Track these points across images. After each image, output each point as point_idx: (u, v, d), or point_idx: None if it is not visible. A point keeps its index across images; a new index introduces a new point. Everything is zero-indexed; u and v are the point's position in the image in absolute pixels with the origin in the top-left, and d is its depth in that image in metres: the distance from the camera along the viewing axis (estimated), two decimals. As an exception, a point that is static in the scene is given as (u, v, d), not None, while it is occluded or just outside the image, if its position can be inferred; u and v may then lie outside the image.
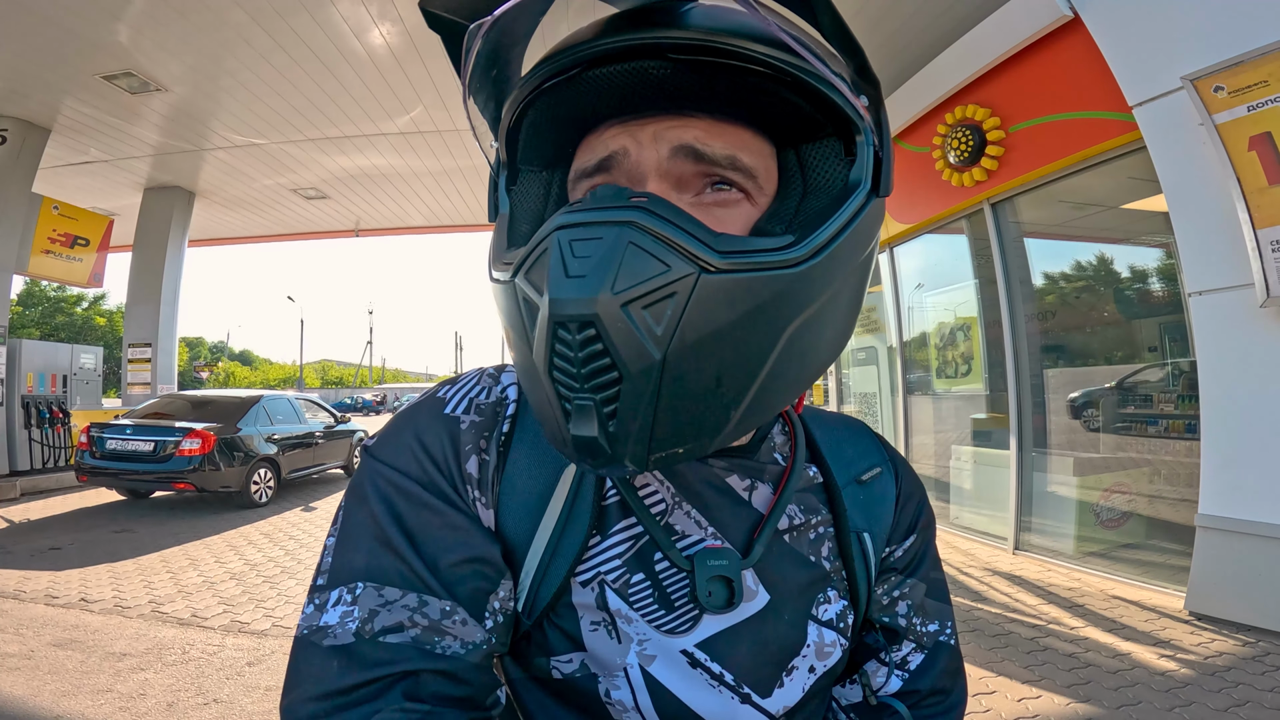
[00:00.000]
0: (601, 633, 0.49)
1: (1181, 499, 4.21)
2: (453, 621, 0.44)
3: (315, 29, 6.02)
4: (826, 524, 0.57)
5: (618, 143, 0.45)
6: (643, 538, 0.51)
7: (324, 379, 73.28)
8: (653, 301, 0.36)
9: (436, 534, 0.46)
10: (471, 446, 0.50)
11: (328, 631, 0.43)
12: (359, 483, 0.49)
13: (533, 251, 0.39)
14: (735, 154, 0.44)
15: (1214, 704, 2.72)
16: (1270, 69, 3.39)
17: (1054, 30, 4.48)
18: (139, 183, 10.47)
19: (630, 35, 0.41)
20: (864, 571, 0.57)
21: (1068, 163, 4.63)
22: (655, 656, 0.49)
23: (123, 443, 7.03)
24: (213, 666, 3.23)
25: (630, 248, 0.36)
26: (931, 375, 6.36)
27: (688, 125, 0.44)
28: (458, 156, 9.41)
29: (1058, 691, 2.87)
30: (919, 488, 0.65)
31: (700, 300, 0.37)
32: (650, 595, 0.50)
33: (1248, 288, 3.54)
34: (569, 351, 0.37)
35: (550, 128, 0.48)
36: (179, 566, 5.00)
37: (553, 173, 0.51)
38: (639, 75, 0.42)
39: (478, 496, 0.49)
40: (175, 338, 11.40)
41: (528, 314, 0.39)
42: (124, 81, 6.96)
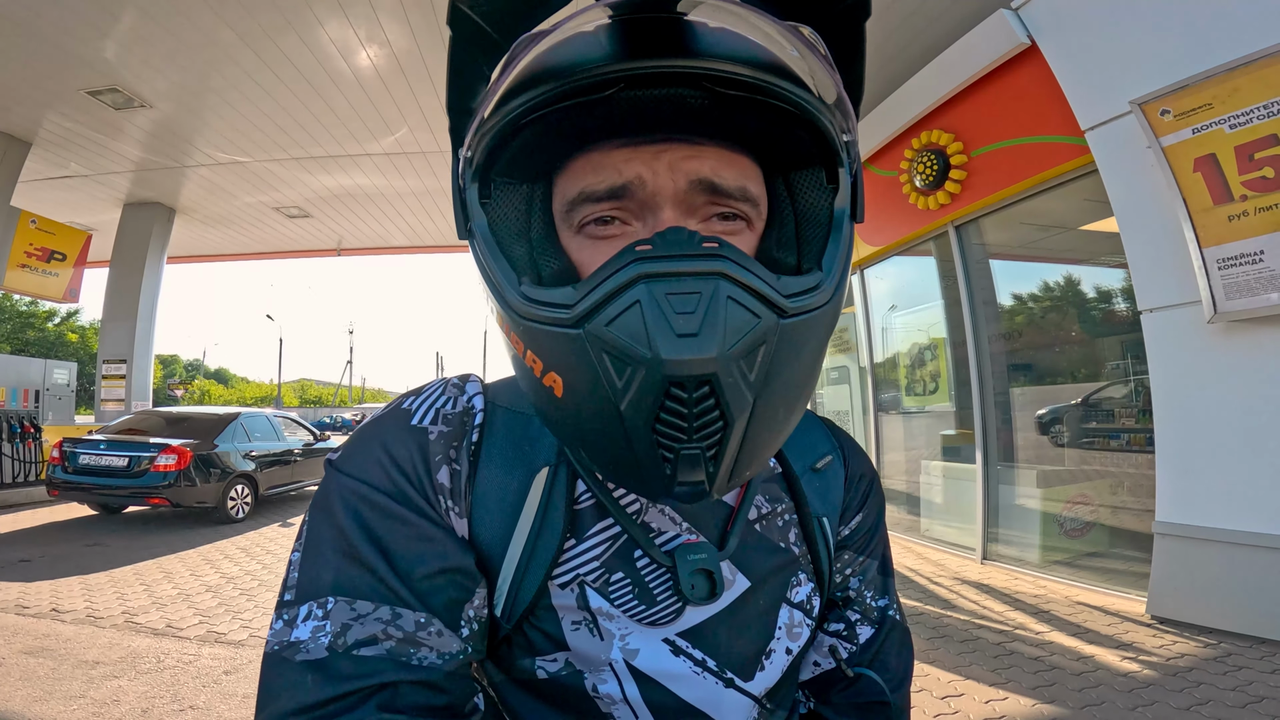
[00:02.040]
0: (584, 631, 0.50)
1: (1143, 509, 4.34)
2: (428, 633, 0.44)
3: (303, 50, 6.14)
4: (790, 511, 0.60)
5: (632, 170, 0.44)
6: (621, 537, 0.52)
7: (302, 398, 72.12)
8: (749, 351, 0.38)
9: (408, 546, 0.46)
10: (441, 457, 0.50)
11: (299, 647, 0.42)
12: (324, 496, 0.48)
13: (611, 299, 0.38)
14: (745, 185, 0.46)
15: (1176, 703, 2.80)
16: (1214, 92, 3.54)
17: (1013, 58, 4.69)
18: (119, 198, 10.43)
19: (674, 61, 0.40)
20: (826, 554, 0.60)
21: (1027, 185, 4.82)
22: (639, 650, 0.50)
23: (96, 458, 6.94)
24: (188, 675, 3.22)
25: (729, 302, 0.37)
26: (901, 394, 6.54)
27: (701, 155, 0.44)
28: (441, 177, 9.53)
29: (1024, 693, 2.95)
30: (868, 468, 0.68)
31: (781, 345, 0.39)
32: (631, 591, 0.51)
33: (1195, 304, 3.70)
34: (681, 409, 0.37)
35: (545, 141, 0.45)
36: (153, 579, 4.95)
37: (533, 187, 0.49)
38: (673, 103, 0.42)
39: (451, 506, 0.49)
40: (151, 355, 11.28)
41: (612, 365, 0.38)
42: (109, 97, 7.01)
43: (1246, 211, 3.45)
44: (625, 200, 0.44)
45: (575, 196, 0.45)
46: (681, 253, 0.38)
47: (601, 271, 0.39)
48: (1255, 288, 3.43)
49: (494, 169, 0.47)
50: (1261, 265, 3.40)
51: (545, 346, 0.41)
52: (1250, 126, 3.43)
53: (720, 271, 0.37)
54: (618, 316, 0.37)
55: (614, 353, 0.38)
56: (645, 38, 0.40)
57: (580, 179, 0.45)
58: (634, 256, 0.38)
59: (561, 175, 0.47)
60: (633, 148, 0.44)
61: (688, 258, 0.38)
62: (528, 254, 0.48)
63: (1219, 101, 3.52)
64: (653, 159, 0.44)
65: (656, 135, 0.44)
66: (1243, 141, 3.45)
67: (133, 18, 5.64)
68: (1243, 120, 3.45)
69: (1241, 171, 3.46)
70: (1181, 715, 2.70)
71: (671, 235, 0.39)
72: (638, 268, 0.38)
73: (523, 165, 0.47)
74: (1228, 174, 3.51)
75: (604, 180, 0.44)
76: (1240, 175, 3.47)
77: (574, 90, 0.41)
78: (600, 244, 0.45)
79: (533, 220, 0.49)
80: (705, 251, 0.38)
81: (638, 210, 0.45)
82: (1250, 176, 3.44)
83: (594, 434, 0.42)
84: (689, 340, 0.36)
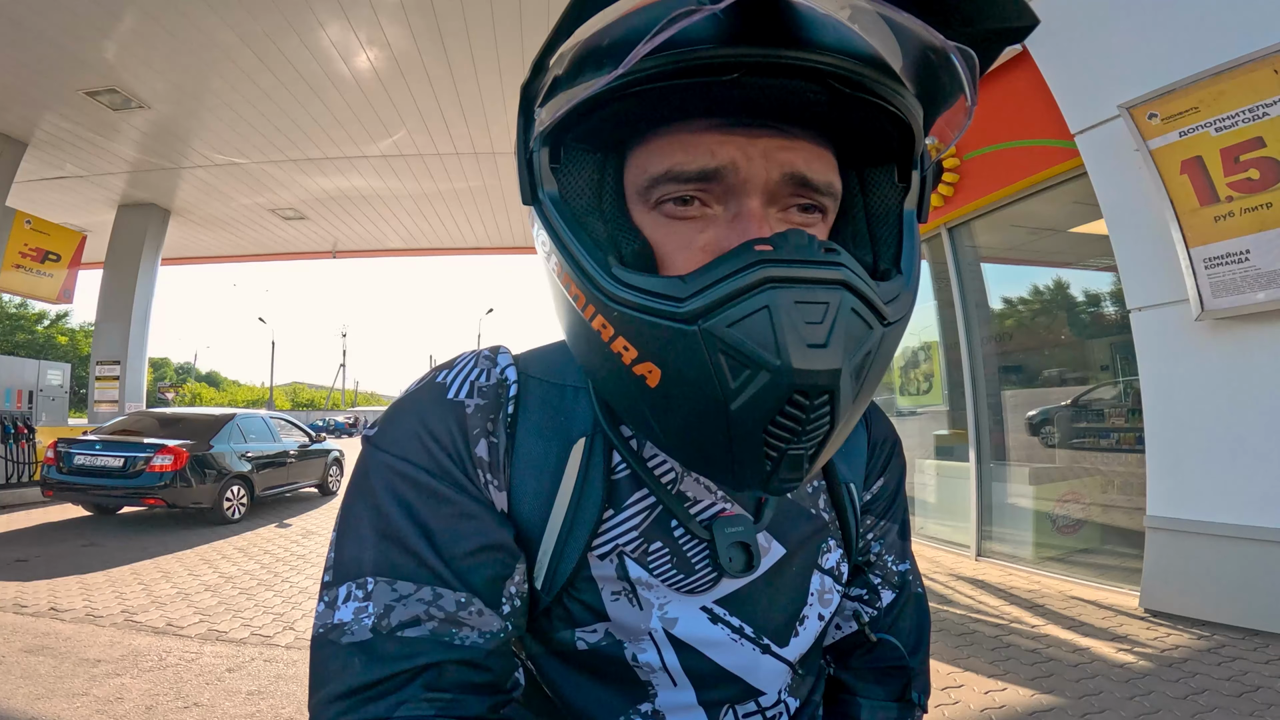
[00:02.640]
0: (623, 601, 0.50)
1: (1132, 506, 4.42)
2: (469, 613, 0.44)
3: (303, 52, 6.17)
4: (819, 478, 0.59)
5: (726, 154, 0.42)
6: (658, 507, 0.52)
7: (295, 401, 71.86)
8: (864, 360, 0.39)
9: (449, 524, 0.46)
10: (480, 430, 0.49)
11: (344, 629, 0.43)
12: (362, 474, 0.48)
13: (734, 300, 0.37)
14: (831, 179, 0.45)
15: (1172, 693, 2.84)
16: (1200, 96, 3.62)
17: (1005, 62, 4.78)
18: (114, 199, 10.40)
19: (805, 55, 0.39)
20: (854, 520, 0.60)
21: (1017, 188, 4.90)
22: (677, 619, 0.51)
23: (91, 458, 6.92)
24: (191, 672, 3.23)
25: (851, 314, 0.38)
26: (896, 394, 6.61)
27: (795, 147, 0.43)
28: (438, 180, 9.55)
29: (1022, 684, 2.99)
30: (891, 432, 0.68)
31: (880, 351, 0.40)
32: (669, 560, 0.51)
33: (1183, 303, 3.78)
34: (800, 415, 0.38)
35: (637, 112, 0.43)
36: (151, 579, 4.95)
37: (606, 156, 0.47)
38: (790, 94, 0.41)
39: (490, 480, 0.49)
40: (145, 356, 11.23)
41: (728, 364, 0.37)
42: (106, 98, 7.01)
43: (1233, 212, 3.53)
44: (713, 184, 0.43)
45: (660, 174, 0.43)
46: (806, 258, 0.38)
47: (720, 267, 0.38)
48: (1241, 286, 3.51)
49: (568, 136, 0.45)
50: (1248, 264, 3.48)
51: (645, 336, 0.39)
52: (1236, 129, 3.51)
53: (844, 281, 0.37)
54: (743, 319, 0.37)
55: (735, 354, 0.37)
56: (769, 23, 0.39)
57: (667, 156, 0.43)
58: (757, 258, 0.37)
59: (641, 148, 0.45)
60: (726, 131, 0.42)
61: (812, 264, 0.37)
62: (604, 229, 0.46)
63: (1205, 105, 3.60)
64: (748, 145, 0.42)
65: (751, 120, 0.42)
66: (1228, 144, 3.53)
67: (134, 18, 5.65)
68: (1228, 123, 3.53)
69: (1227, 173, 3.54)
70: (1178, 705, 2.74)
71: (794, 238, 0.39)
72: (763, 270, 0.37)
73: (600, 134, 0.45)
74: (1214, 176, 3.59)
75: (695, 161, 0.42)
76: (1226, 177, 3.55)
77: (695, 68, 0.39)
78: (680, 225, 0.44)
79: (604, 193, 0.46)
80: (828, 259, 0.38)
81: (723, 195, 0.43)
82: (1236, 178, 3.52)
83: (691, 427, 0.41)
84: (819, 351, 0.36)
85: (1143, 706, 2.74)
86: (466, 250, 13.62)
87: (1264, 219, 3.43)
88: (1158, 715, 2.66)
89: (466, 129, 7.82)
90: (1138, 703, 2.77)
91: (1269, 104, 3.39)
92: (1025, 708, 2.78)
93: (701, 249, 0.43)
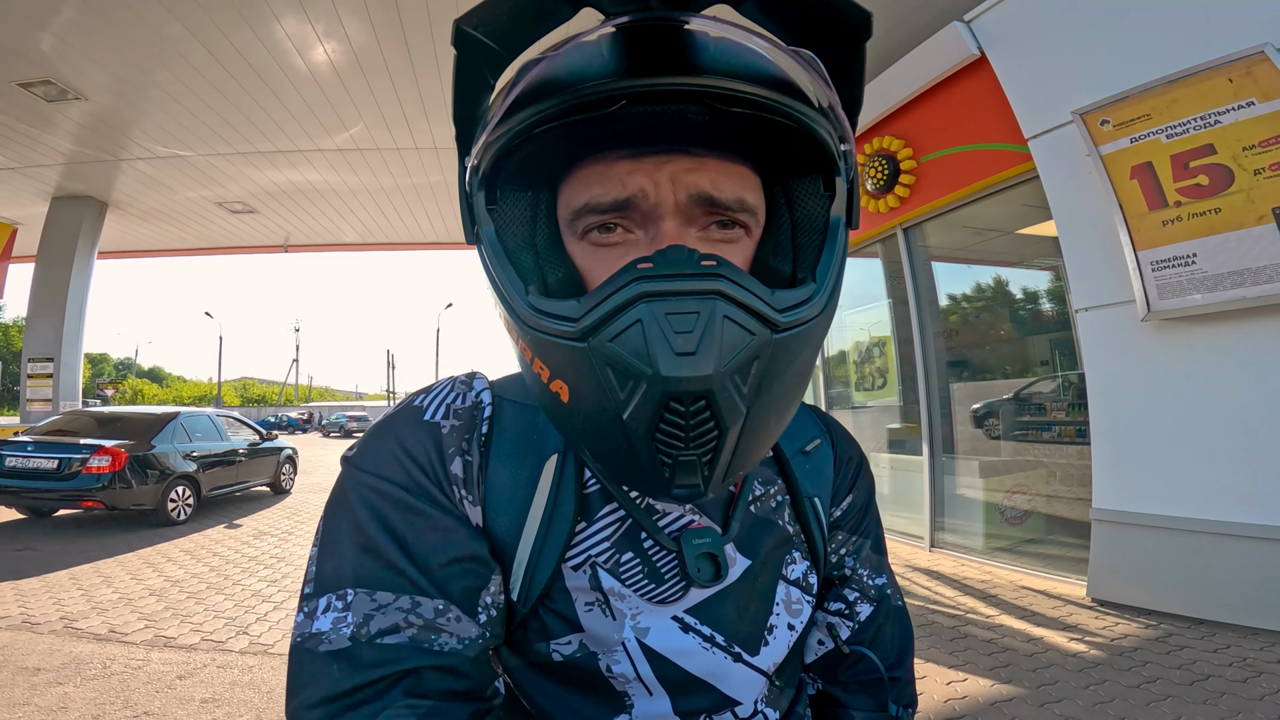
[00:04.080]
0: (596, 612, 0.51)
1: (1076, 497, 4.60)
2: (447, 619, 0.46)
3: (256, 45, 6.01)
4: (782, 492, 0.62)
5: (636, 183, 0.45)
6: (628, 519, 0.54)
7: (244, 397, 69.46)
8: (743, 366, 0.40)
9: (425, 537, 0.47)
10: (455, 449, 0.51)
11: (322, 638, 0.44)
12: (341, 492, 0.50)
13: (614, 316, 0.39)
14: (743, 196, 0.47)
15: (1125, 682, 2.91)
16: (1152, 103, 3.73)
17: (963, 68, 4.91)
18: (46, 191, 9.92)
19: (676, 79, 0.41)
20: (819, 532, 0.62)
21: (970, 191, 5.06)
22: (650, 628, 0.52)
23: (23, 460, 6.65)
24: (139, 680, 3.15)
25: (725, 321, 0.39)
26: (851, 389, 6.81)
27: (702, 168, 0.46)
28: (396, 175, 9.41)
29: (981, 675, 3.07)
30: (856, 451, 0.70)
31: (774, 358, 0.41)
32: (641, 571, 0.53)
33: (1129, 304, 3.90)
34: (679, 420, 0.39)
35: (551, 151, 0.47)
36: (90, 584, 4.79)
37: (538, 194, 0.51)
38: (676, 118, 0.44)
39: (464, 495, 0.51)
40: (80, 353, 10.75)
41: (615, 377, 0.40)
42: (41, 90, 6.70)
43: (1180, 217, 3.64)
44: (629, 211, 0.46)
45: (580, 207, 0.47)
46: (680, 271, 0.40)
47: (605, 288, 0.40)
48: (1187, 288, 3.62)
49: (500, 177, 0.48)
50: (1194, 267, 3.59)
51: (552, 356, 0.43)
52: (1187, 136, 3.63)
53: (717, 290, 0.39)
54: (620, 333, 0.39)
55: (617, 367, 0.39)
56: (649, 52, 0.41)
57: (585, 190, 0.47)
58: (635, 275, 0.40)
59: (566, 183, 0.49)
60: (635, 160, 0.45)
61: (686, 276, 0.39)
62: (534, 261, 0.50)
63: (1157, 112, 3.72)
64: (655, 171, 0.45)
65: (659, 147, 0.45)
66: (1179, 150, 3.66)
67: (73, 9, 5.42)
68: (1180, 130, 3.65)
69: (1177, 179, 3.66)
70: (1131, 693, 2.81)
71: (672, 254, 0.41)
72: (639, 286, 0.39)
73: (528, 173, 0.49)
74: (1163, 181, 3.70)
75: (609, 193, 0.46)
76: (1175, 182, 3.66)
77: (579, 105, 0.42)
78: (603, 251, 0.47)
79: (538, 226, 0.51)
80: (703, 270, 0.40)
81: (640, 220, 0.46)
82: (1185, 184, 3.63)
83: (598, 438, 0.44)
84: (687, 359, 0.38)
85: (1098, 695, 2.80)
86: (425, 245, 13.43)
87: (1212, 224, 3.53)
88: (1113, 704, 2.73)
89: (427, 124, 7.73)
90: (1093, 692, 2.84)
91: (1221, 112, 3.51)
92: (986, 698, 2.85)
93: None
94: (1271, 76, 3.36)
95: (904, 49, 5.44)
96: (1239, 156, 3.46)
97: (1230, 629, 3.47)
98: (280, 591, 4.73)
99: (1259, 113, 3.41)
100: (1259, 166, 3.40)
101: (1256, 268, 3.39)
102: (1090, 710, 2.70)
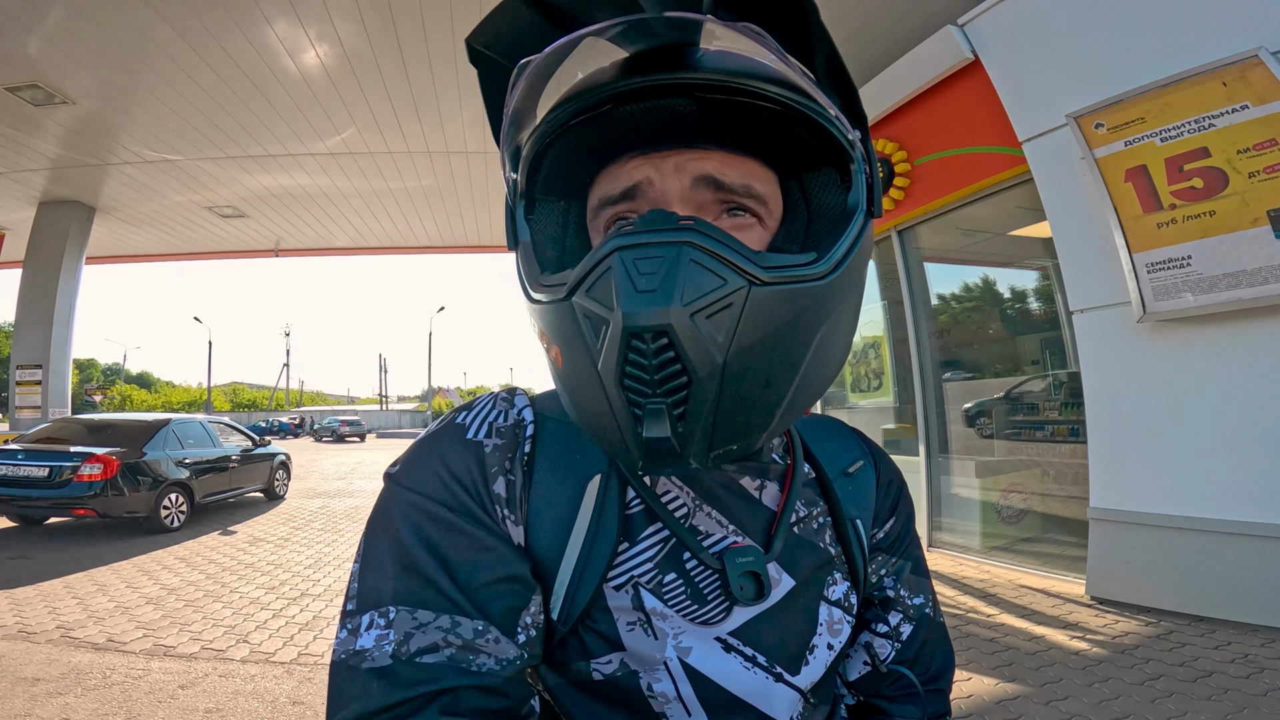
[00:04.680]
0: (638, 631, 0.51)
1: (1070, 496, 4.63)
2: (486, 640, 0.46)
3: (247, 48, 5.96)
4: (824, 514, 0.62)
5: (641, 173, 0.49)
6: (671, 540, 0.54)
7: (235, 402, 68.91)
8: (714, 312, 0.40)
9: (467, 556, 0.48)
10: (497, 468, 0.52)
11: (365, 655, 0.44)
12: (383, 509, 0.50)
13: (591, 271, 0.42)
14: (750, 182, 0.49)
15: (1129, 679, 2.92)
16: (1146, 107, 3.77)
17: (957, 71, 4.94)
18: (33, 196, 9.80)
19: (661, 75, 0.45)
20: (860, 554, 0.62)
21: (965, 193, 5.09)
22: (691, 648, 0.52)
23: (14, 468, 6.59)
24: (140, 690, 3.12)
25: (691, 264, 0.40)
26: (847, 389, 6.84)
27: (706, 157, 0.48)
28: (388, 178, 9.36)
29: (985, 674, 3.08)
30: (897, 474, 0.70)
31: (752, 310, 0.41)
32: (684, 591, 0.53)
33: (1125, 305, 3.92)
34: (643, 360, 0.40)
35: (572, 160, 0.51)
36: (86, 592, 4.74)
37: (570, 202, 0.55)
38: (666, 112, 0.47)
39: (507, 515, 0.51)
40: (69, 360, 10.64)
41: (590, 328, 0.41)
42: (28, 93, 6.61)
43: (1175, 219, 3.67)
44: (638, 200, 0.49)
45: (597, 203, 0.52)
46: (654, 227, 0.41)
47: (594, 253, 0.42)
48: (1183, 290, 3.65)
49: (535, 189, 0.53)
50: (1189, 269, 3.62)
51: (549, 322, 0.46)
52: (1181, 139, 3.65)
53: (687, 241, 0.40)
54: (595, 283, 0.41)
55: (590, 316, 0.41)
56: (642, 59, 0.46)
57: (601, 188, 0.51)
58: (615, 234, 0.42)
59: (591, 189, 0.53)
60: (644, 156, 0.49)
61: (660, 230, 0.41)
62: (558, 257, 0.54)
63: (1151, 116, 3.76)
64: (660, 161, 0.48)
65: (668, 145, 0.49)
66: (1173, 154, 3.68)
67: (61, 13, 5.36)
68: (1174, 134, 3.68)
69: (1171, 182, 3.68)
70: (1135, 690, 2.82)
71: (651, 214, 0.43)
72: (615, 240, 0.41)
73: (559, 184, 0.54)
74: (1158, 184, 3.73)
75: (618, 184, 0.50)
76: (1170, 185, 3.68)
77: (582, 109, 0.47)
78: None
79: (568, 229, 0.55)
80: (679, 226, 0.41)
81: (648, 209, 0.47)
82: (1180, 186, 3.66)
83: (585, 400, 0.45)
84: (646, 295, 0.39)
85: (1102, 693, 2.82)
86: (417, 249, 13.38)
87: (1207, 226, 3.56)
88: (1117, 701, 2.73)
89: (420, 127, 7.69)
90: (1097, 689, 2.85)
91: (1215, 115, 3.54)
92: (991, 696, 2.86)
93: None
94: (1265, 80, 3.40)
95: (898, 52, 5.47)
96: (1233, 160, 3.50)
97: (1230, 626, 3.49)
98: (279, 599, 4.69)
99: (1253, 116, 3.44)
100: (1253, 169, 3.43)
101: (1252, 269, 3.43)
102: (1095, 707, 2.71)
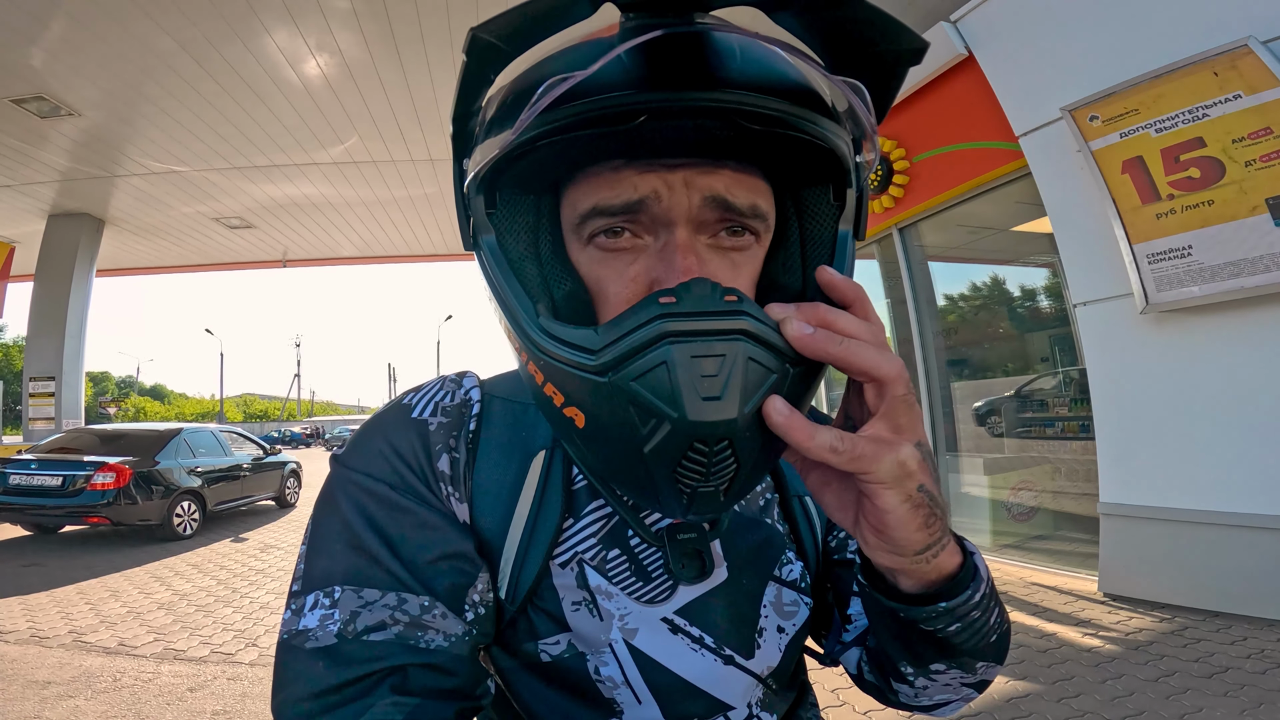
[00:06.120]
0: (583, 612, 0.51)
1: (1081, 492, 4.58)
2: (432, 616, 0.46)
3: (248, 58, 6.03)
4: (770, 490, 0.61)
5: (648, 185, 0.44)
6: (614, 516, 0.53)
7: (246, 413, 69.62)
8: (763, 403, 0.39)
9: (411, 534, 0.47)
10: (441, 446, 0.52)
11: (308, 634, 0.44)
12: (329, 491, 0.50)
13: (637, 354, 0.38)
14: (756, 202, 0.46)
15: (1143, 675, 2.88)
16: (1140, 98, 3.76)
17: (952, 67, 4.94)
18: (43, 209, 9.93)
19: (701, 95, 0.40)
20: (809, 532, 0.61)
21: (963, 189, 5.07)
22: (637, 629, 0.52)
23: (28, 478, 6.70)
24: (149, 693, 3.15)
25: (749, 363, 0.38)
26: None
27: (716, 174, 0.44)
28: (392, 187, 9.42)
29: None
30: None
31: (790, 390, 0.40)
32: (628, 568, 0.52)
33: (1127, 297, 3.90)
34: (702, 459, 0.39)
35: (559, 156, 0.45)
36: (98, 598, 4.80)
37: (539, 198, 0.49)
38: (699, 132, 0.42)
39: (451, 492, 0.51)
40: (81, 371, 10.77)
41: (640, 415, 0.38)
42: (34, 105, 6.72)
43: (1174, 210, 3.65)
44: (639, 215, 0.44)
45: (588, 210, 0.45)
46: (705, 309, 0.38)
47: (626, 321, 0.39)
48: (1184, 280, 3.62)
49: (500, 181, 0.47)
50: (1190, 259, 3.59)
51: (568, 385, 0.41)
52: (1176, 130, 3.65)
53: (742, 330, 0.38)
54: (645, 374, 0.38)
55: (640, 405, 0.38)
56: (673, 64, 0.40)
57: (594, 193, 0.45)
58: (660, 311, 0.38)
59: (573, 187, 0.47)
60: (648, 162, 0.44)
61: (711, 315, 0.38)
62: (539, 273, 0.48)
63: (1145, 107, 3.75)
64: (668, 174, 0.44)
65: (673, 150, 0.44)
66: (1169, 144, 3.67)
67: (63, 25, 5.44)
68: (1168, 124, 3.67)
69: (1168, 172, 3.67)
70: (1150, 687, 2.78)
71: (696, 289, 0.39)
72: (662, 325, 0.38)
73: (532, 178, 0.47)
74: (1155, 175, 3.72)
75: (619, 195, 0.44)
76: (1167, 176, 3.67)
77: (600, 118, 0.40)
78: (611, 258, 0.46)
79: (541, 234, 0.49)
80: (727, 308, 0.39)
81: (650, 225, 0.45)
82: (1177, 177, 3.64)
83: (615, 464, 0.43)
84: (713, 403, 0.37)
85: (1115, 690, 2.78)
86: (423, 258, 13.44)
87: (1206, 215, 3.55)
88: (1131, 698, 2.70)
89: (422, 134, 7.74)
90: (1110, 686, 2.82)
91: (1208, 105, 3.53)
92: (1002, 694, 2.82)
93: (632, 279, 0.45)
94: (1256, 69, 3.38)
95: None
96: (1229, 149, 3.48)
97: (1245, 621, 3.44)
98: (287, 602, 4.73)
99: (1246, 105, 3.43)
100: (1250, 158, 3.41)
101: (1253, 258, 3.40)
102: (1109, 704, 2.68)
